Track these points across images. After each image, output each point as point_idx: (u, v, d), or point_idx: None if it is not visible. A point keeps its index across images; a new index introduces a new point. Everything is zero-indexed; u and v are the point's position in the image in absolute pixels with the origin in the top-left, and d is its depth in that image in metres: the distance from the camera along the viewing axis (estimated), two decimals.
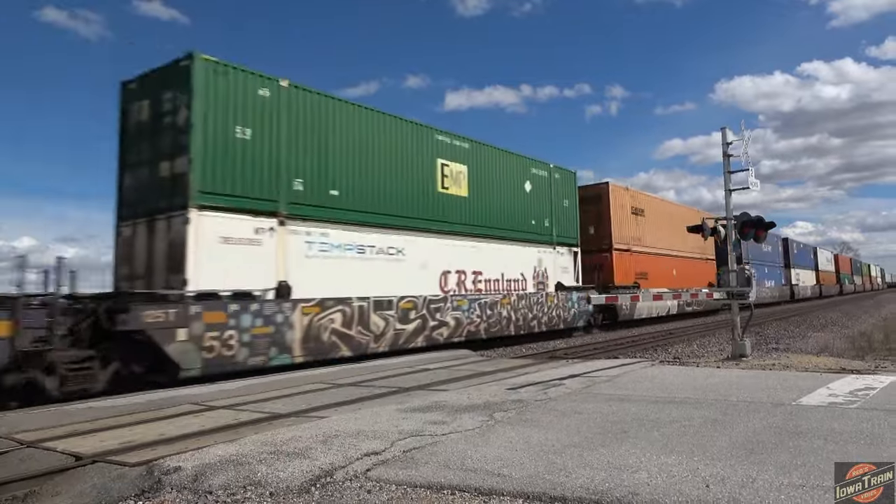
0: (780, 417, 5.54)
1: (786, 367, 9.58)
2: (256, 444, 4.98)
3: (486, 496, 3.76)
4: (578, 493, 3.66)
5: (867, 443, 4.56)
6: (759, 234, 11.71)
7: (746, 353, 11.08)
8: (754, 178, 11.52)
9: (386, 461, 4.48)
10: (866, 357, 13.31)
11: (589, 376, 8.62)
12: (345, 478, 4.15)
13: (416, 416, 6.10)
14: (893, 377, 7.93)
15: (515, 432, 5.26)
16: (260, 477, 4.16)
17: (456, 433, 5.27)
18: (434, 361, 11.72)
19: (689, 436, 4.95)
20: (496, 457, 4.48)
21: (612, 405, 6.40)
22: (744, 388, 7.26)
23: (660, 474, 3.94)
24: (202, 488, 4.03)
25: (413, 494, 3.83)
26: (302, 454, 4.66)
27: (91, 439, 5.72)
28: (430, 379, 9.19)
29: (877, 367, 9.74)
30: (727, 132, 11.54)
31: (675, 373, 9.07)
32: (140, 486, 4.13)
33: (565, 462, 4.29)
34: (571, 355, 14.08)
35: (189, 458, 4.59)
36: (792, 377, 8.19)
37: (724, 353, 13.34)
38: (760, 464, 4.09)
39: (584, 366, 10.12)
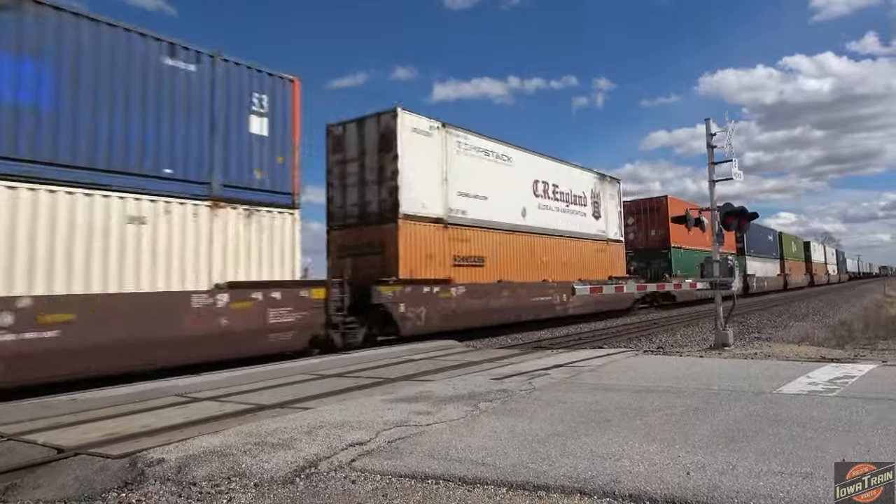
0: (760, 406, 5.62)
1: (767, 356, 9.72)
2: (241, 436, 4.97)
3: (469, 485, 3.78)
4: (561, 482, 3.70)
5: (845, 430, 4.64)
6: (742, 223, 11.86)
7: (729, 343, 11.24)
8: (738, 169, 11.63)
9: (371, 451, 4.49)
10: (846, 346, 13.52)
11: (573, 366, 8.68)
12: (329, 468, 4.16)
13: (402, 406, 6.11)
14: (872, 365, 8.07)
15: (500, 422, 5.29)
16: (244, 468, 4.15)
17: (441, 423, 5.29)
18: (420, 352, 11.73)
19: (670, 424, 5.01)
20: (480, 446, 4.51)
21: (596, 394, 6.46)
22: (725, 376, 7.35)
23: (642, 462, 3.99)
24: (186, 480, 4.02)
25: (398, 484, 3.85)
26: (287, 445, 4.65)
27: (73, 431, 5.67)
28: (415, 369, 9.21)
29: (856, 356, 9.91)
30: (711, 124, 11.63)
31: (658, 362, 9.17)
32: (123, 478, 4.10)
33: (549, 451, 4.32)
34: (557, 345, 14.16)
35: (173, 449, 4.57)
36: (773, 366, 8.31)
37: (707, 342, 13.50)
38: (740, 451, 4.16)
39: (569, 356, 10.18)
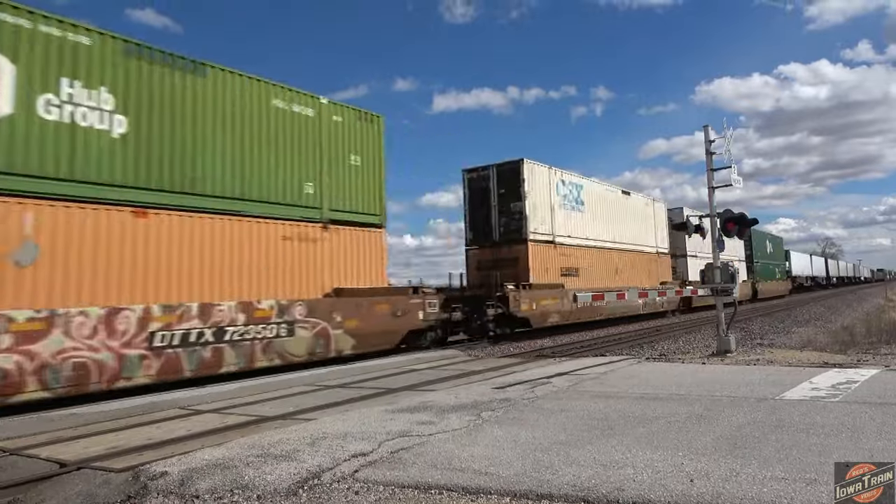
0: (763, 412, 5.61)
1: (770, 362, 9.69)
2: (243, 448, 4.97)
3: (473, 495, 3.77)
4: (565, 491, 3.69)
5: (848, 436, 4.63)
6: (742, 230, 11.86)
7: (731, 349, 11.19)
8: (737, 175, 11.64)
9: (373, 462, 4.48)
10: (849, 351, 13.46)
11: (576, 374, 8.67)
12: (332, 479, 4.15)
13: (404, 416, 6.11)
14: (875, 370, 8.05)
15: (503, 431, 5.28)
16: (247, 480, 4.15)
17: (443, 433, 5.28)
18: (422, 362, 11.72)
19: (674, 431, 5.00)
20: (483, 456, 4.50)
21: (599, 402, 6.45)
22: (728, 383, 7.34)
23: (645, 470, 3.98)
24: (189, 493, 4.01)
25: (400, 495, 3.84)
26: (289, 456, 4.65)
27: (76, 445, 5.67)
28: (418, 379, 9.20)
29: (859, 361, 9.87)
30: (709, 130, 11.65)
31: (661, 369, 9.15)
32: (126, 492, 4.10)
33: (552, 460, 4.31)
34: (559, 353, 14.13)
35: (175, 462, 4.56)
36: (775, 372, 8.29)
37: (709, 349, 13.44)
38: (744, 458, 4.15)
39: (571, 364, 10.17)
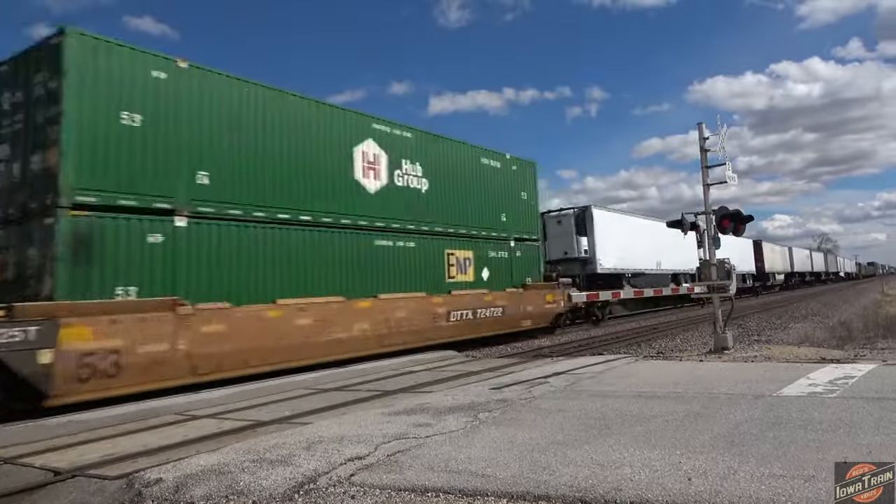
0: (761, 409, 5.59)
1: (767, 359, 9.69)
2: (239, 453, 4.93)
3: (470, 497, 3.75)
4: (562, 491, 3.67)
5: (846, 432, 4.62)
6: (738, 227, 11.86)
7: (729, 346, 11.20)
8: (731, 173, 11.65)
9: (370, 465, 4.45)
10: (846, 346, 13.52)
11: (573, 373, 8.65)
12: (328, 484, 4.12)
13: (401, 419, 6.08)
14: (872, 365, 8.05)
15: (500, 432, 5.26)
16: (242, 486, 4.11)
17: (440, 435, 5.26)
18: (419, 363, 11.69)
19: (671, 430, 4.99)
20: (480, 457, 4.47)
21: (596, 402, 6.43)
22: (725, 380, 7.33)
23: (643, 469, 3.96)
24: (184, 499, 3.98)
25: (397, 498, 3.81)
26: (285, 461, 4.61)
27: (71, 453, 5.62)
28: (414, 381, 9.17)
29: (856, 356, 9.89)
30: (703, 128, 11.66)
31: (658, 367, 9.14)
32: (120, 500, 4.07)
33: (549, 460, 4.29)
34: (557, 353, 14.12)
35: (170, 468, 4.53)
36: (773, 368, 8.29)
37: (706, 346, 13.45)
38: (742, 455, 4.13)
39: (568, 363, 10.15)
